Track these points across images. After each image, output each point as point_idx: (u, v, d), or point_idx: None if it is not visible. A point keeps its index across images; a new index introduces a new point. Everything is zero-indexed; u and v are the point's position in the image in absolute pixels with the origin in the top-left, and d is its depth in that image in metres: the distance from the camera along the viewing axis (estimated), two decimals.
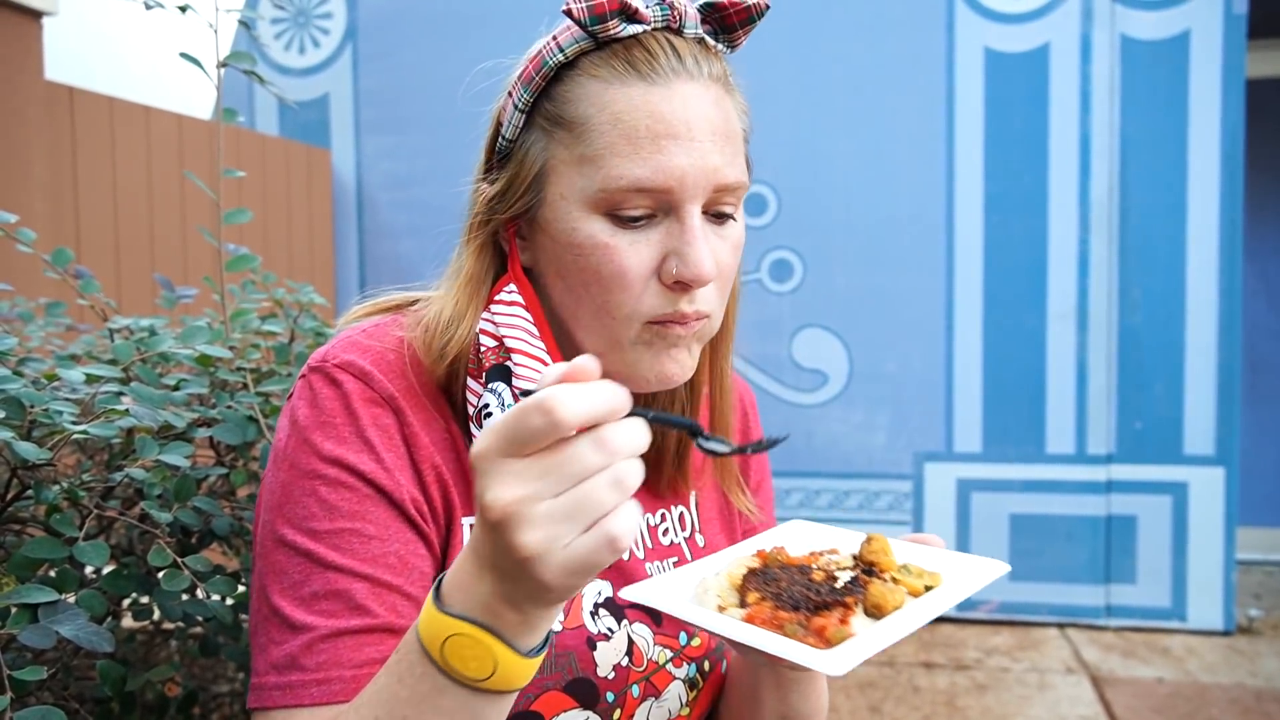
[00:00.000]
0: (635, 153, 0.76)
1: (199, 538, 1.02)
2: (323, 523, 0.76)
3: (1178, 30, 3.43)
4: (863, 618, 0.72)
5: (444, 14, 3.90)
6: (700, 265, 0.77)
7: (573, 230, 0.79)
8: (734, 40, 0.84)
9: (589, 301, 0.81)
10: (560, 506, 0.54)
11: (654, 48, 0.79)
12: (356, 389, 0.79)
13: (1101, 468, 3.56)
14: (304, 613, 0.74)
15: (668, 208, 0.79)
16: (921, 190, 3.62)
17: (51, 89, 2.56)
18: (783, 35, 3.67)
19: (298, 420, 0.79)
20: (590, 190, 0.78)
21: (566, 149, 0.79)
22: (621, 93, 0.77)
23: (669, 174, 0.76)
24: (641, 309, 0.79)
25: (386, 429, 0.79)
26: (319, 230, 3.87)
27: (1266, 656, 3.33)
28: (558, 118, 0.80)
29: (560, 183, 0.80)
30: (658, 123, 0.76)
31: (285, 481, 0.78)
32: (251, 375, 1.16)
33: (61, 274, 1.25)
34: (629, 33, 0.79)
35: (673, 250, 0.78)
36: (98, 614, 0.82)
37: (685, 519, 1.00)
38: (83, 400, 1.02)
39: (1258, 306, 4.52)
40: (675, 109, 0.77)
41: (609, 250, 0.78)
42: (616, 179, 0.76)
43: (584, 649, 0.86)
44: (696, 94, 0.78)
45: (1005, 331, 3.60)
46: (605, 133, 0.77)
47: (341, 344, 0.82)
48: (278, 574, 0.76)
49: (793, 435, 3.75)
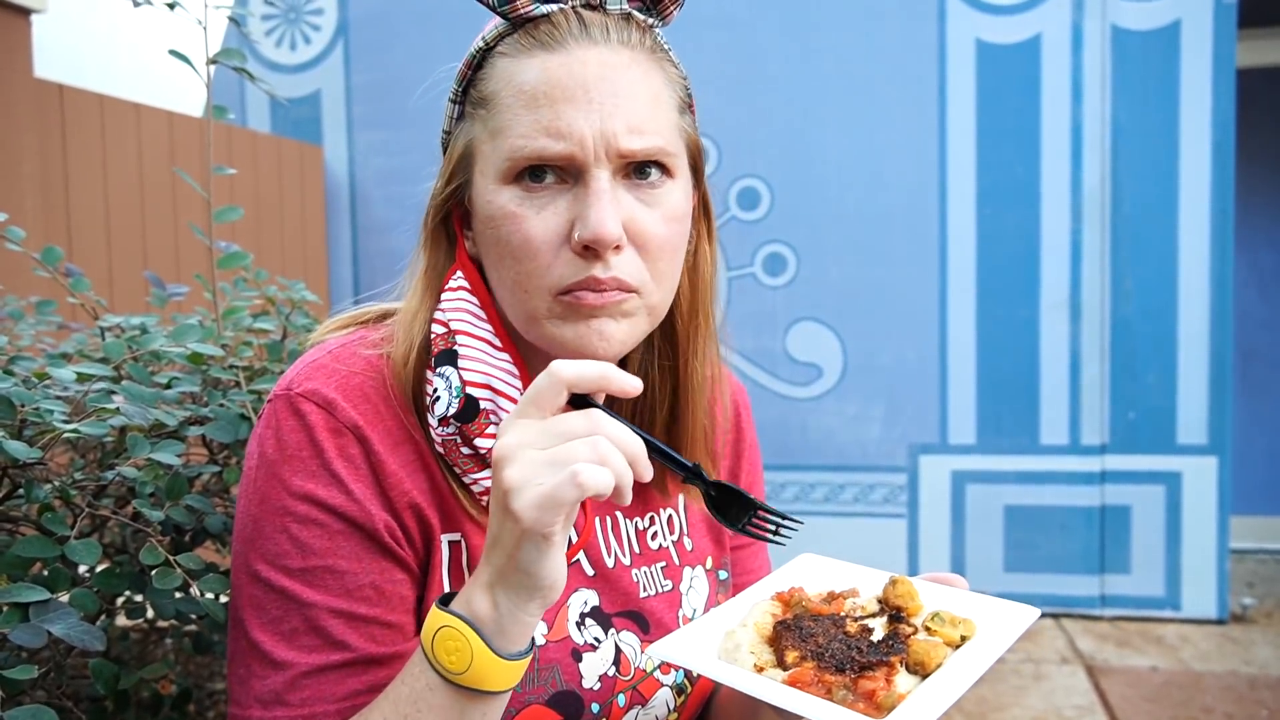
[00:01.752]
0: (533, 118, 0.76)
1: (192, 535, 1.02)
2: (295, 560, 0.76)
3: (1168, 20, 3.43)
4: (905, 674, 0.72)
5: (435, 9, 3.89)
6: (602, 225, 0.75)
7: (488, 204, 0.80)
8: (664, 12, 0.83)
9: (506, 275, 0.80)
10: (544, 455, 0.65)
11: (559, 20, 0.79)
12: (320, 419, 0.78)
13: (1095, 458, 3.57)
14: (284, 649, 0.76)
15: (574, 173, 0.77)
16: (914, 182, 3.62)
17: (41, 86, 2.55)
18: (774, 28, 3.67)
19: (265, 453, 0.79)
20: (499, 161, 0.78)
21: (483, 126, 0.80)
22: (524, 64, 0.78)
23: (566, 136, 0.75)
24: (551, 278, 0.78)
25: (352, 458, 0.78)
26: (311, 227, 3.86)
27: (1260, 645, 3.35)
28: (477, 99, 0.82)
29: (480, 160, 0.81)
30: (554, 87, 0.76)
31: (256, 516, 0.78)
32: (244, 373, 1.16)
33: (52, 272, 1.25)
34: (541, 12, 0.79)
35: (577, 214, 0.77)
36: (90, 613, 0.82)
37: (674, 522, 1.00)
38: (74, 399, 1.01)
39: (1249, 296, 4.53)
40: (573, 72, 0.76)
41: (516, 219, 0.78)
42: (517, 146, 0.76)
43: (569, 661, 0.85)
44: (599, 58, 0.77)
45: (998, 323, 3.60)
46: (509, 104, 0.78)
47: (306, 369, 0.82)
48: (256, 608, 0.77)
49: (788, 428, 3.76)
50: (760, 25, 3.66)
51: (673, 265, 0.83)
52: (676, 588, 0.97)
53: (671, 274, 0.83)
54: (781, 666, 0.73)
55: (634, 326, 0.81)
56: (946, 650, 0.74)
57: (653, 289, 0.81)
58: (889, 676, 0.70)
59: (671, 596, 0.96)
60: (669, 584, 0.96)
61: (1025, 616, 0.77)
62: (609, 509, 0.93)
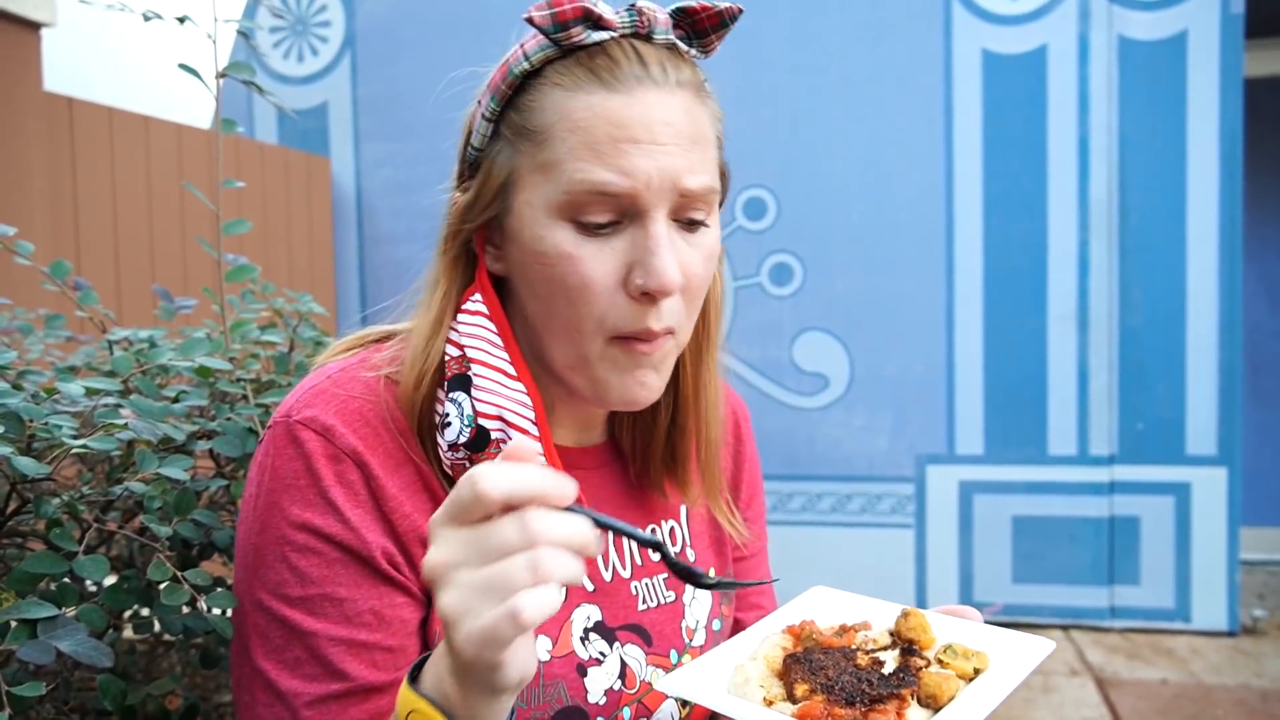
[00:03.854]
0: (596, 158, 0.75)
1: (200, 550, 1.02)
2: (295, 589, 0.77)
3: (1175, 30, 3.43)
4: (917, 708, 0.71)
5: (442, 21, 3.91)
6: (665, 274, 0.75)
7: (539, 239, 0.78)
8: (707, 45, 0.82)
9: (557, 315, 0.79)
10: (480, 578, 0.57)
11: (617, 55, 0.77)
12: (318, 446, 0.78)
13: (1104, 469, 3.56)
14: (288, 677, 0.76)
15: (632, 214, 0.77)
16: (921, 192, 3.62)
17: (50, 100, 2.56)
18: (781, 38, 3.67)
19: (264, 481, 0.80)
20: (554, 196, 0.77)
21: (530, 158, 0.79)
22: (582, 100, 0.76)
23: (631, 177, 0.75)
24: (606, 323, 0.78)
25: (351, 484, 0.78)
26: (319, 238, 3.88)
27: (1271, 657, 3.32)
28: (521, 127, 0.79)
29: (525, 190, 0.79)
30: (618, 128, 0.75)
31: (257, 545, 0.79)
32: (251, 386, 1.16)
33: (60, 286, 1.25)
34: (594, 40, 0.77)
35: (637, 260, 0.76)
36: (98, 628, 0.82)
37: (676, 533, 0.99)
38: (82, 413, 1.02)
39: (1258, 306, 4.51)
40: (636, 114, 0.76)
41: (573, 260, 0.77)
42: (578, 182, 0.75)
43: (574, 676, 0.85)
44: (659, 100, 0.77)
45: (1006, 333, 3.59)
46: (566, 139, 0.76)
47: (305, 396, 0.81)
48: (259, 635, 0.78)
49: (794, 439, 3.75)
50: (766, 35, 3.67)
51: (701, 301, 0.84)
52: (679, 599, 0.96)
53: (698, 309, 0.85)
54: (791, 700, 0.72)
55: (668, 370, 0.84)
56: (959, 683, 0.73)
57: (686, 328, 0.83)
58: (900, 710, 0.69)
59: (674, 608, 0.95)
60: (671, 595, 0.96)
61: (1039, 649, 0.76)
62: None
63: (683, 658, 0.94)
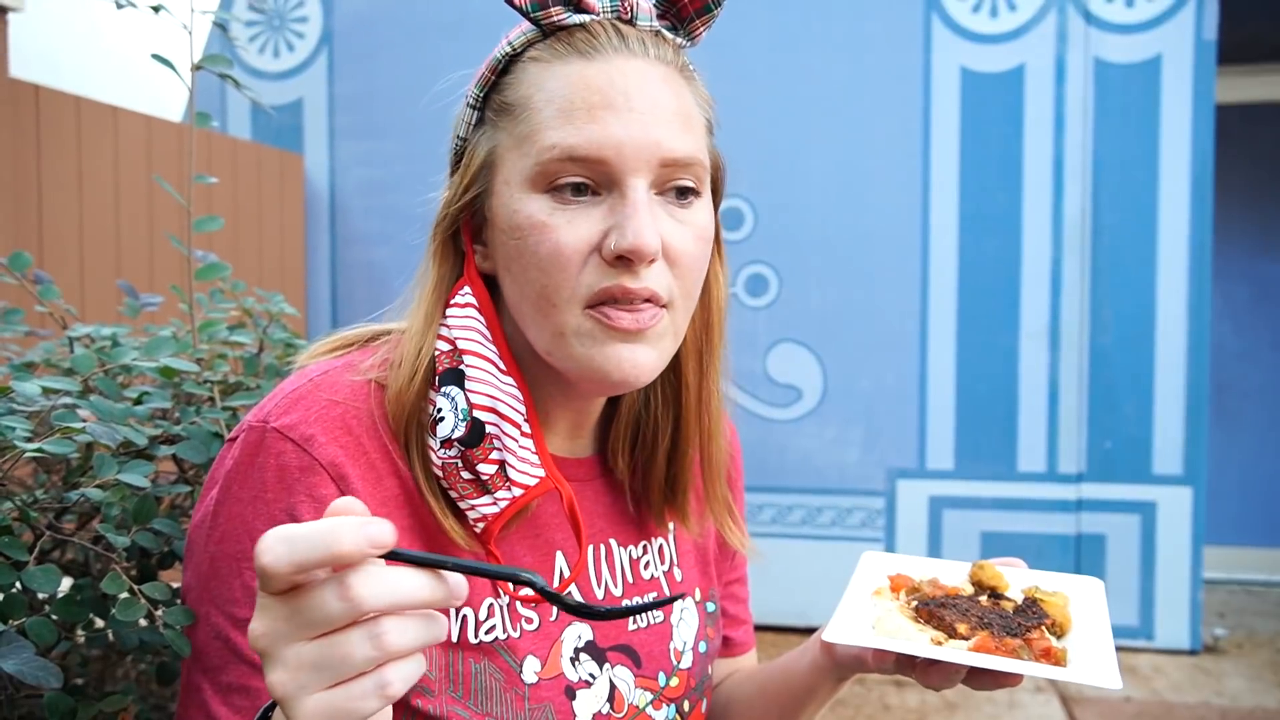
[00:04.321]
0: (569, 123, 0.73)
1: (159, 559, 0.98)
2: (244, 609, 0.72)
3: (1150, 55, 3.47)
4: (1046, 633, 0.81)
5: (421, 20, 3.87)
6: (640, 235, 0.72)
7: (514, 213, 0.76)
8: (692, 32, 0.81)
9: (530, 289, 0.76)
10: (309, 653, 0.50)
11: (596, 30, 0.77)
12: (295, 457, 0.73)
13: (1072, 486, 3.59)
14: (219, 703, 0.72)
15: (610, 182, 0.75)
16: (897, 207, 3.63)
17: (16, 87, 2.49)
18: (760, 51, 3.67)
19: (230, 488, 0.75)
20: (527, 167, 0.75)
21: (508, 133, 0.77)
22: (559, 70, 0.75)
23: (603, 142, 0.73)
24: (580, 288, 0.74)
25: (323, 500, 0.73)
26: (290, 236, 3.81)
27: (1231, 676, 3.36)
28: (501, 105, 0.78)
29: (504, 168, 0.77)
30: (592, 94, 0.74)
31: (214, 555, 0.74)
32: (219, 387, 1.12)
33: (19, 279, 1.20)
34: (574, 21, 0.77)
35: (613, 224, 0.74)
36: (47, 642, 0.78)
37: (664, 552, 0.97)
38: (39, 413, 0.97)
39: (1223, 329, 4.58)
40: (613, 80, 0.74)
41: (546, 229, 0.74)
42: (549, 149, 0.73)
43: (562, 699, 0.82)
44: (638, 69, 0.75)
45: (978, 349, 3.61)
46: (541, 109, 0.75)
47: (286, 399, 0.77)
48: (199, 653, 0.74)
49: (766, 450, 3.74)
50: (747, 47, 3.67)
51: (697, 285, 0.81)
52: (668, 619, 0.94)
53: (695, 293, 0.81)
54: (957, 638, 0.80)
55: (664, 352, 0.79)
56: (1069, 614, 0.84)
57: (680, 306, 0.79)
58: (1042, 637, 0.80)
59: (663, 629, 0.93)
60: (660, 615, 0.93)
61: (1096, 586, 0.89)
62: (602, 536, 0.91)
63: (670, 680, 0.92)
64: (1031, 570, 0.92)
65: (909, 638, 0.80)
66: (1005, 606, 0.85)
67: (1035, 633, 0.80)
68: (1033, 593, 0.87)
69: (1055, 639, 0.81)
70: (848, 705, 3.11)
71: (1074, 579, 0.90)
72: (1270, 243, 4.65)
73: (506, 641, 0.80)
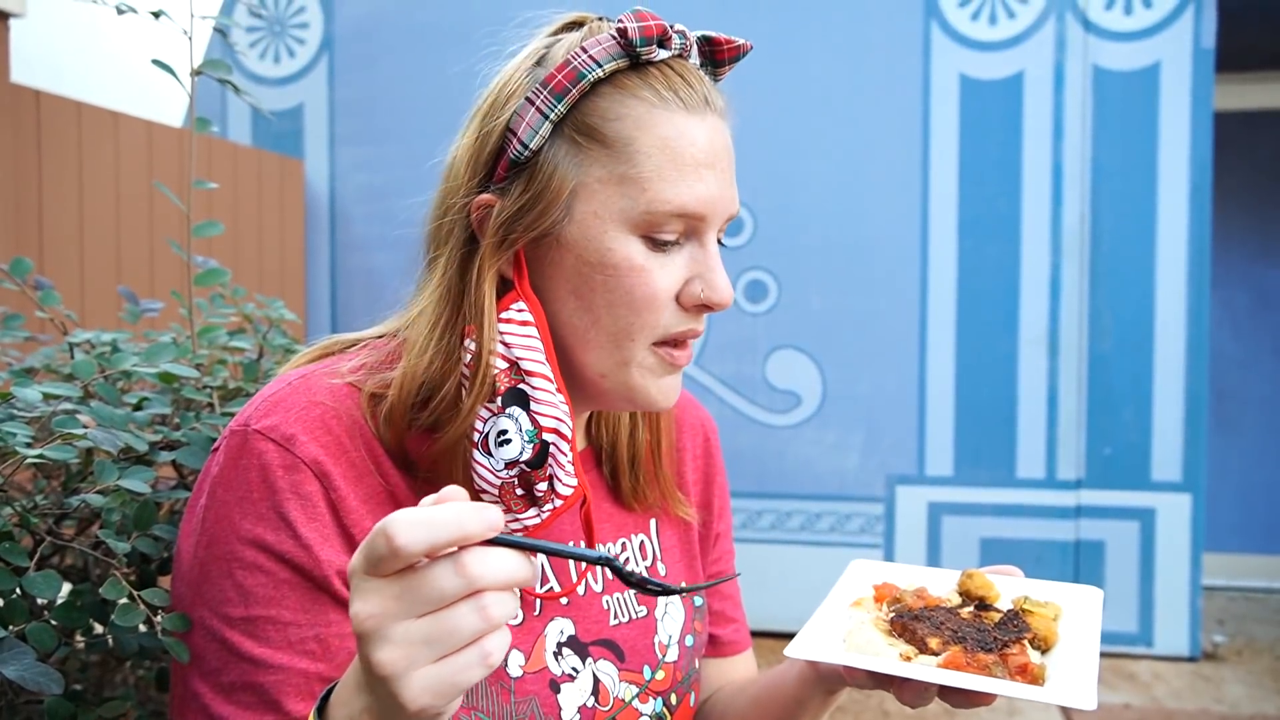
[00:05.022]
0: (681, 179, 0.78)
1: (159, 565, 0.98)
2: (238, 609, 0.73)
3: (1148, 62, 3.48)
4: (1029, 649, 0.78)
5: (422, 25, 3.87)
6: (725, 289, 0.81)
7: (608, 250, 0.78)
8: (719, 74, 0.87)
9: (609, 323, 0.79)
10: (419, 629, 0.54)
11: (689, 77, 0.81)
12: (276, 457, 0.75)
13: (1071, 493, 3.59)
14: (222, 703, 0.73)
15: (690, 233, 0.81)
16: (896, 213, 3.64)
17: (17, 92, 2.50)
18: (760, 58, 3.67)
19: (215, 492, 0.76)
20: (632, 212, 0.77)
21: (604, 168, 0.77)
22: (666, 118, 0.78)
23: (706, 202, 0.79)
24: (658, 329, 0.81)
25: (309, 496, 0.75)
26: (290, 242, 3.82)
27: (1231, 683, 3.36)
28: (594, 132, 0.78)
29: (594, 201, 0.77)
30: (700, 152, 0.79)
31: (204, 560, 0.75)
32: (218, 393, 1.12)
33: (20, 285, 1.20)
34: (661, 57, 0.80)
35: (697, 274, 0.81)
36: (47, 648, 0.78)
37: (646, 547, 0.98)
38: (39, 418, 0.98)
39: (1222, 336, 4.59)
40: (713, 140, 0.81)
41: (644, 273, 0.78)
42: (664, 202, 0.77)
43: (547, 693, 0.83)
44: (719, 126, 0.83)
45: (977, 355, 3.62)
46: (653, 156, 0.77)
47: (265, 404, 0.78)
48: (195, 657, 0.75)
49: (765, 456, 3.74)
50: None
51: None
52: (651, 614, 0.95)
53: None
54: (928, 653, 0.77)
55: None
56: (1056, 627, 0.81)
57: None
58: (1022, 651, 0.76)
59: (646, 623, 0.94)
60: (643, 610, 0.94)
61: (1094, 596, 0.85)
62: (581, 534, 0.91)
63: (656, 674, 0.93)
64: (1027, 579, 0.88)
65: (877, 652, 0.77)
66: (992, 617, 0.82)
67: (1014, 647, 0.76)
68: (1022, 603, 0.84)
69: (1039, 653, 0.78)
70: (847, 712, 3.11)
71: (1071, 588, 0.87)
72: (1269, 249, 4.66)
73: None
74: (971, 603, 0.86)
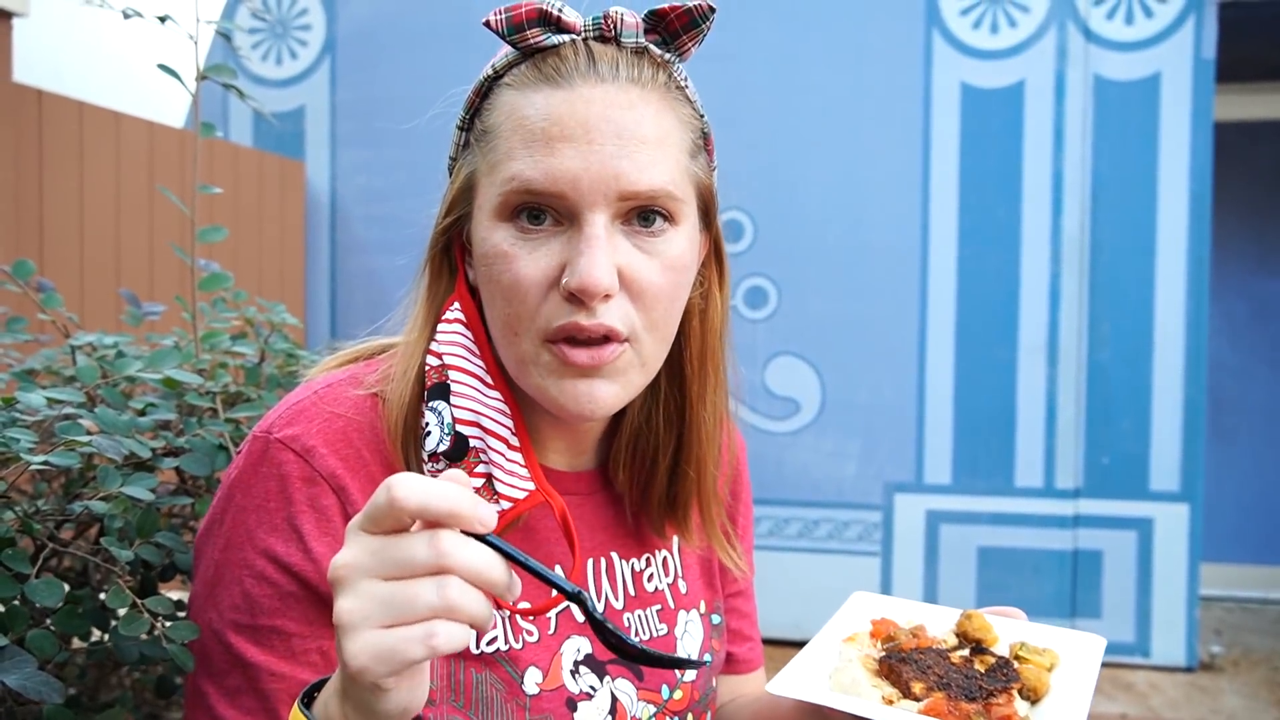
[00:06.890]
0: (529, 154, 0.73)
1: (161, 571, 0.98)
2: (245, 616, 0.74)
3: (1149, 72, 3.49)
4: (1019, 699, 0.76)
5: (424, 28, 3.87)
6: (589, 273, 0.71)
7: (483, 240, 0.77)
8: (681, 48, 0.79)
9: (498, 316, 0.78)
10: (381, 590, 0.55)
11: (567, 53, 0.75)
12: (296, 468, 0.76)
13: (1069, 502, 3.58)
14: (226, 705, 0.74)
15: (570, 214, 0.74)
16: (896, 221, 3.64)
17: (19, 91, 2.49)
18: (762, 63, 3.69)
19: (234, 497, 0.77)
20: (493, 196, 0.76)
21: (484, 159, 0.78)
22: (527, 98, 0.75)
23: (559, 176, 0.72)
24: (538, 322, 0.75)
25: (325, 510, 0.75)
26: (290, 244, 3.81)
27: (1228, 693, 3.35)
28: (480, 130, 0.79)
29: (479, 194, 0.79)
30: (552, 124, 0.73)
31: (219, 562, 0.77)
32: (221, 398, 1.12)
33: (23, 287, 1.20)
34: (552, 42, 0.75)
35: (568, 260, 0.73)
36: (48, 655, 0.77)
37: (669, 564, 0.97)
38: (42, 422, 0.97)
39: (1220, 345, 4.59)
40: (575, 110, 0.73)
41: (508, 259, 0.75)
42: (508, 180, 0.74)
43: (563, 710, 0.82)
44: (603, 96, 0.74)
45: (976, 364, 3.62)
46: (507, 138, 0.75)
47: (289, 412, 0.79)
48: (204, 657, 0.76)
49: (763, 463, 3.73)
50: (748, 60, 3.68)
51: (669, 315, 0.79)
52: (671, 632, 0.94)
53: (667, 324, 0.80)
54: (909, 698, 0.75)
55: (627, 385, 0.78)
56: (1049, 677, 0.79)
57: (645, 338, 0.77)
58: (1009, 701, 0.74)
59: (666, 641, 0.93)
60: (664, 628, 0.93)
61: (1095, 645, 0.82)
62: (604, 550, 0.91)
63: (674, 693, 0.92)
64: (1029, 624, 0.86)
65: (860, 693, 0.75)
66: (987, 661, 0.80)
67: (1001, 697, 0.74)
68: (1018, 649, 0.81)
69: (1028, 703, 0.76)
70: None
71: (1072, 635, 0.84)
72: (1268, 259, 4.66)
73: (508, 653, 0.81)
74: (968, 645, 0.83)
